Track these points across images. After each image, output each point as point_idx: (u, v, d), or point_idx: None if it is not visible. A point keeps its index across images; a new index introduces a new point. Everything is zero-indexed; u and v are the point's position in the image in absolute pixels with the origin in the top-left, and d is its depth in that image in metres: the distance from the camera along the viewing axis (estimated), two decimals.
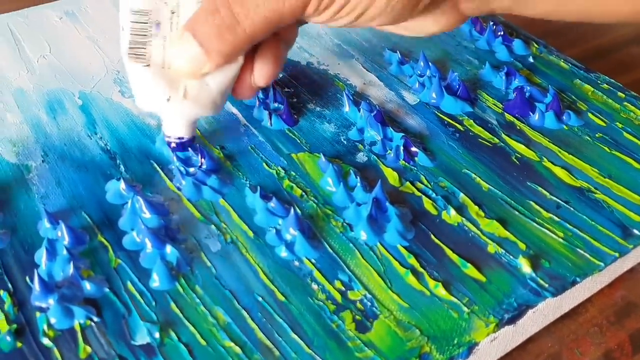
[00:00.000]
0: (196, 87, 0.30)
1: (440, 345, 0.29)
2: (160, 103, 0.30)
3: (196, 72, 0.29)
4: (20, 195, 0.35)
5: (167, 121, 0.32)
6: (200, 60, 0.29)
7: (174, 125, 0.32)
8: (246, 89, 0.31)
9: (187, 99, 0.30)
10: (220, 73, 0.30)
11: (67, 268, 0.31)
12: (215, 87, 0.30)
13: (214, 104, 0.31)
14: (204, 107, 0.30)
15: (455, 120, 0.41)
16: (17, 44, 0.48)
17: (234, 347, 0.28)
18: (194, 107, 0.30)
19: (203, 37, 0.28)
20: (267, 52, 0.30)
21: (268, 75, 0.31)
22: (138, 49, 0.29)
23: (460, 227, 0.34)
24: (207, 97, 0.30)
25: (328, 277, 0.31)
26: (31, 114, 0.41)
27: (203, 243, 0.33)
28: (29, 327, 0.29)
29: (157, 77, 0.29)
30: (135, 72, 0.30)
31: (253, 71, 0.31)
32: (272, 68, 0.31)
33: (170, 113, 0.31)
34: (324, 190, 0.36)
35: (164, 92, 0.30)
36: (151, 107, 0.31)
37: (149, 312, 0.30)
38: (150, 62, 0.29)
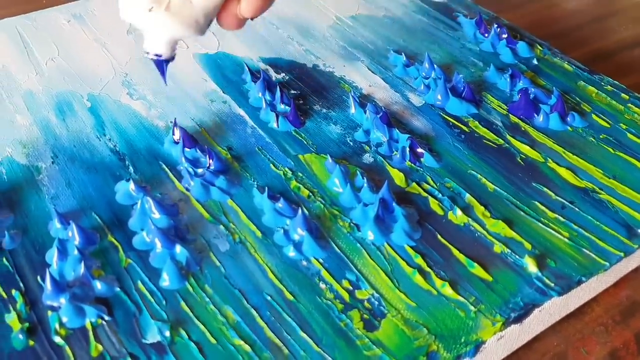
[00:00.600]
0: (179, 2, 0.30)
1: (447, 343, 0.29)
2: (143, 13, 0.30)
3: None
4: (30, 196, 0.36)
5: (148, 35, 0.32)
6: None
7: (153, 41, 0.32)
8: (231, 17, 0.31)
9: (168, 12, 0.30)
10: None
11: (78, 268, 0.31)
12: (199, 5, 0.30)
13: (196, 23, 0.31)
14: (186, 24, 0.31)
15: (460, 121, 0.42)
16: (25, 47, 0.48)
17: (244, 346, 0.29)
18: (175, 23, 0.31)
19: None
20: None
21: (255, 7, 0.31)
22: None
23: (467, 227, 0.34)
24: (189, 14, 0.30)
25: (336, 276, 0.32)
26: (41, 116, 0.42)
27: (212, 243, 0.33)
28: (41, 326, 0.29)
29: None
30: None
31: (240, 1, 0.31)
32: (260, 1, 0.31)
33: (151, 26, 0.31)
34: (330, 191, 0.36)
35: (147, 2, 0.30)
36: (133, 17, 0.31)
37: (159, 311, 0.30)
38: None
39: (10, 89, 0.44)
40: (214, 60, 0.47)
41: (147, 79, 0.45)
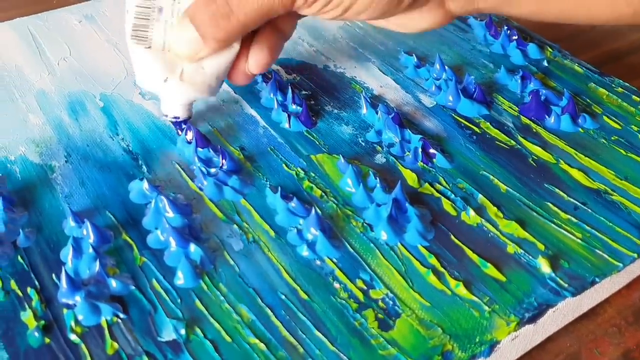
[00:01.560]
0: (192, 70, 0.32)
1: (462, 343, 0.29)
2: (158, 83, 0.33)
3: (193, 56, 0.31)
4: (44, 194, 0.36)
5: (165, 101, 0.34)
6: (197, 45, 0.31)
7: (170, 106, 0.34)
8: (240, 75, 0.33)
9: (184, 80, 0.32)
10: (215, 58, 0.32)
11: (93, 266, 0.31)
12: (210, 71, 0.32)
13: (209, 86, 0.33)
14: (199, 89, 0.33)
15: (472, 122, 0.42)
16: (37, 47, 0.49)
17: (259, 344, 0.29)
18: (190, 89, 0.33)
19: (200, 23, 0.30)
20: (262, 41, 0.32)
21: (262, 64, 0.33)
22: (141, 31, 0.32)
23: (480, 227, 0.34)
24: (202, 80, 0.32)
25: (350, 276, 0.32)
26: (53, 115, 0.42)
27: (226, 242, 0.34)
28: (57, 324, 0.29)
29: (156, 59, 0.32)
30: (137, 53, 0.32)
31: (247, 59, 0.33)
32: (266, 57, 0.33)
33: (167, 93, 0.33)
34: (343, 191, 0.36)
35: (162, 73, 0.32)
36: (150, 86, 0.33)
37: (174, 309, 0.30)
38: (151, 44, 0.32)
39: (23, 88, 0.44)
40: None
41: None
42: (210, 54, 0.32)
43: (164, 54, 0.32)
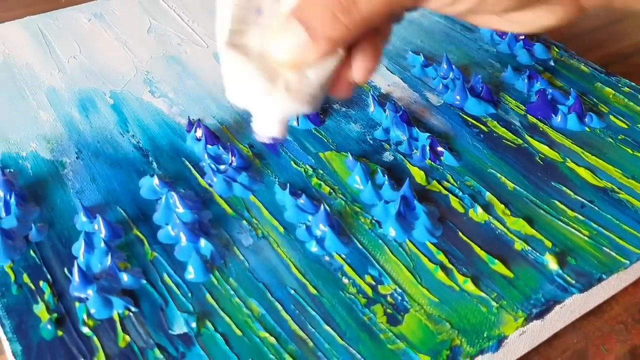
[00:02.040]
0: (296, 79, 0.28)
1: (470, 338, 0.29)
2: (259, 97, 0.28)
3: (299, 62, 0.27)
4: (56, 190, 0.36)
5: (261, 118, 0.30)
6: (305, 49, 0.27)
7: (267, 123, 0.30)
8: (344, 85, 0.29)
9: (288, 92, 0.28)
10: (321, 65, 0.27)
11: (105, 260, 0.32)
12: (316, 79, 0.28)
13: (314, 98, 0.28)
14: (303, 101, 0.28)
15: (479, 121, 0.42)
16: (47, 45, 0.49)
17: (269, 338, 0.29)
18: (293, 102, 0.28)
19: (312, 22, 0.26)
20: (366, 47, 0.28)
21: (367, 71, 0.29)
22: (237, 37, 0.27)
23: (487, 224, 0.35)
24: (307, 90, 0.28)
25: (358, 271, 0.32)
26: (64, 112, 0.42)
27: (235, 238, 0.34)
28: (69, 317, 0.30)
29: (256, 69, 0.27)
30: (233, 63, 0.27)
31: (351, 67, 0.29)
32: (372, 63, 0.29)
33: (267, 108, 0.29)
34: (351, 188, 0.37)
35: (263, 84, 0.27)
36: (246, 101, 0.28)
37: (185, 303, 0.30)
38: (248, 52, 0.27)
39: (34, 85, 0.45)
40: None
41: (168, 77, 0.46)
42: (319, 59, 0.27)
43: (263, 62, 0.27)
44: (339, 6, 0.26)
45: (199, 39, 0.50)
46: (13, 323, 0.29)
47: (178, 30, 0.51)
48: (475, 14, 0.29)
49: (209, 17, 0.53)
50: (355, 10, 0.26)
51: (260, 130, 0.30)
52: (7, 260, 0.32)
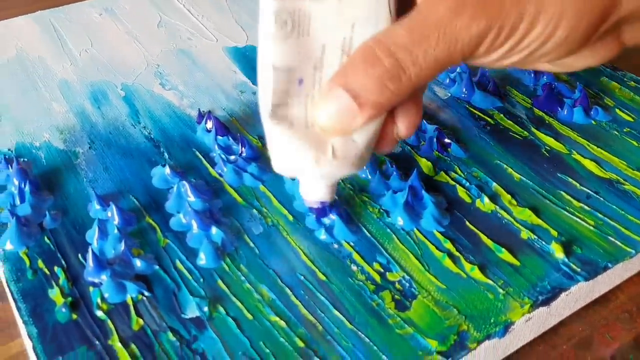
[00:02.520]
0: (343, 144, 0.27)
1: (477, 324, 0.30)
2: (307, 166, 0.28)
3: (346, 127, 0.27)
4: (69, 179, 0.37)
5: (309, 184, 0.30)
6: (352, 115, 0.26)
7: (315, 189, 0.30)
8: (389, 141, 0.29)
9: (336, 158, 0.27)
10: (366, 127, 0.27)
11: (118, 246, 0.32)
12: (362, 142, 0.27)
13: (361, 160, 0.28)
14: (352, 164, 0.28)
15: (486, 114, 0.43)
16: (59, 39, 0.50)
17: (279, 322, 0.30)
18: (342, 167, 0.28)
19: (358, 90, 0.26)
20: (409, 101, 0.28)
21: (412, 125, 0.29)
22: (282, 109, 0.27)
23: (494, 214, 0.35)
24: (355, 154, 0.28)
25: (367, 259, 0.33)
26: (76, 104, 0.43)
27: (246, 226, 0.34)
28: (84, 301, 0.30)
29: (302, 139, 0.27)
30: (278, 134, 0.27)
31: (395, 122, 0.28)
32: (416, 117, 0.29)
33: (316, 176, 0.29)
34: (359, 178, 0.37)
35: (312, 153, 0.27)
36: (295, 170, 0.29)
37: (197, 288, 0.31)
38: (293, 122, 0.27)
39: (46, 78, 0.45)
40: (242, 54, 0.48)
41: (178, 70, 0.46)
42: (365, 124, 0.27)
43: (308, 131, 0.27)
44: (387, 74, 0.25)
45: (209, 33, 0.51)
46: (29, 307, 0.30)
47: (188, 25, 0.52)
48: (522, 66, 0.28)
49: (218, 13, 0.53)
50: (405, 77, 0.25)
51: (309, 196, 0.31)
52: (22, 247, 0.33)
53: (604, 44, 0.28)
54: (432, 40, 0.25)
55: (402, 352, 0.28)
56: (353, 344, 0.29)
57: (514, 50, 0.26)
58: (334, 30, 0.26)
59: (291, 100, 0.27)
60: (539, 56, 0.27)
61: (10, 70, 0.46)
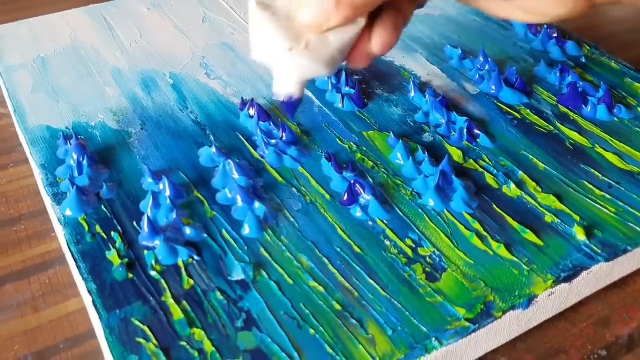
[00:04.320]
0: (317, 40, 0.29)
1: (502, 295, 0.32)
2: (281, 53, 0.29)
3: (322, 24, 0.29)
4: (123, 155, 0.40)
5: (281, 75, 0.31)
6: (328, 13, 0.28)
7: (286, 81, 0.31)
8: (362, 55, 0.31)
9: (308, 50, 0.29)
10: (341, 31, 0.29)
11: (170, 215, 0.35)
12: (336, 43, 0.30)
13: (332, 60, 0.30)
14: (322, 62, 0.30)
15: (513, 109, 0.45)
16: (110, 30, 0.53)
17: (318, 287, 0.32)
18: (312, 62, 0.30)
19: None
20: (387, 21, 0.30)
21: (385, 43, 0.31)
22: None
23: (520, 199, 0.37)
24: (327, 52, 0.30)
25: (399, 235, 0.35)
26: (128, 89, 0.46)
27: (286, 202, 0.37)
28: (138, 262, 0.33)
29: (280, 27, 0.29)
30: (260, 20, 0.29)
31: (371, 38, 0.30)
32: (391, 37, 0.31)
33: (287, 66, 0.30)
34: (393, 164, 0.40)
35: (287, 41, 0.29)
36: (268, 57, 0.30)
37: (242, 255, 0.33)
38: (276, 12, 0.29)
39: (99, 65, 0.49)
40: None
41: (222, 61, 0.49)
42: (340, 24, 0.29)
43: (288, 22, 0.29)
44: None
45: None
46: (87, 266, 0.33)
47: (231, 21, 0.55)
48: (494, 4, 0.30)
49: None
50: None
51: (279, 88, 0.32)
52: (81, 213, 0.36)
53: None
54: None
55: (432, 318, 0.31)
56: (386, 308, 0.31)
57: None
58: None
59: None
60: None
61: (66, 57, 0.50)
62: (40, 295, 0.35)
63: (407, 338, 0.30)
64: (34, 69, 0.48)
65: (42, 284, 0.35)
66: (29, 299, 0.35)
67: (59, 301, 0.35)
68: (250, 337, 0.30)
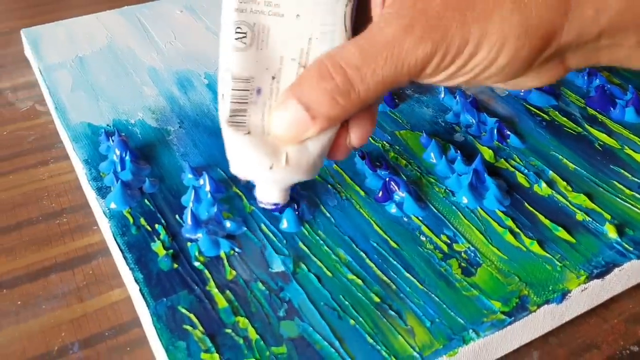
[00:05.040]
0: (297, 152, 0.29)
1: (537, 290, 0.32)
2: (261, 171, 0.29)
3: (299, 137, 0.28)
4: (163, 152, 0.41)
5: (263, 188, 0.31)
6: (304, 126, 0.28)
7: (269, 192, 0.31)
8: (342, 150, 0.30)
9: (289, 165, 0.29)
10: (319, 137, 0.29)
11: (212, 209, 0.36)
12: (315, 151, 0.29)
13: (314, 167, 0.30)
14: (304, 171, 0.29)
15: (541, 110, 0.46)
16: (145, 32, 0.54)
17: (356, 280, 0.33)
18: (294, 173, 0.29)
19: (311, 103, 0.27)
20: (363, 114, 0.29)
21: (364, 136, 0.30)
22: (239, 117, 0.28)
23: (551, 198, 0.38)
24: (307, 161, 0.29)
25: (435, 231, 0.36)
26: (165, 89, 0.47)
27: (322, 199, 0.38)
28: (182, 254, 0.34)
29: (258, 145, 0.28)
30: (235, 140, 0.29)
31: (349, 133, 0.30)
32: (368, 128, 0.30)
33: (269, 180, 0.30)
34: (426, 162, 0.41)
35: (266, 160, 0.28)
36: (250, 175, 0.30)
37: (281, 248, 0.35)
38: (250, 129, 0.28)
39: (136, 65, 0.50)
40: None
41: None
42: (318, 134, 0.28)
43: (264, 138, 0.28)
44: (337, 90, 0.26)
45: None
46: (134, 256, 0.34)
47: None
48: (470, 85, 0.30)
49: None
50: (354, 94, 0.27)
51: (263, 198, 0.31)
52: (126, 206, 0.37)
53: (549, 68, 0.29)
54: (380, 60, 0.26)
55: (468, 311, 0.31)
56: (424, 301, 0.32)
57: (459, 72, 0.27)
58: (292, 43, 0.28)
59: (249, 108, 0.28)
60: (485, 78, 0.28)
61: (103, 57, 0.51)
62: (85, 285, 0.36)
63: (445, 330, 0.31)
64: (73, 69, 0.50)
65: (86, 275, 0.37)
66: (74, 289, 0.36)
67: (103, 291, 0.36)
68: (293, 326, 0.31)
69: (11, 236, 0.39)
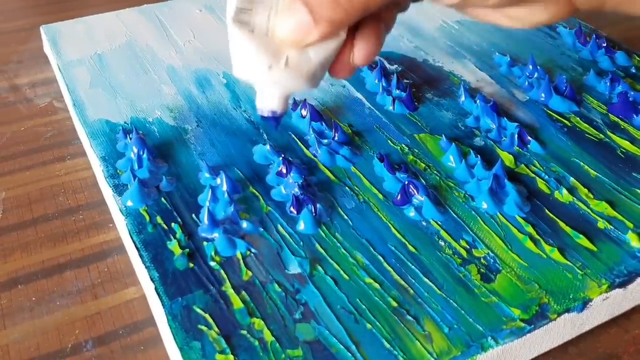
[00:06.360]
0: (298, 57, 0.29)
1: (557, 298, 0.32)
2: (261, 71, 0.29)
3: (301, 41, 0.28)
4: (180, 151, 0.41)
5: (263, 93, 0.31)
6: (307, 29, 0.28)
7: (268, 98, 0.31)
8: (344, 67, 0.31)
9: (289, 67, 0.29)
10: (322, 45, 0.29)
11: (228, 209, 0.36)
12: (316, 59, 0.29)
13: (314, 76, 0.30)
14: (303, 78, 0.29)
15: (562, 117, 0.45)
16: (164, 30, 0.54)
17: (374, 283, 0.32)
18: (293, 78, 0.29)
19: (314, 4, 0.27)
20: (369, 32, 0.30)
21: (367, 54, 0.30)
22: (244, 15, 0.28)
23: (572, 205, 0.37)
24: (308, 68, 0.29)
25: (454, 236, 0.35)
26: (183, 88, 0.47)
27: (339, 201, 0.38)
28: (198, 253, 0.34)
29: (260, 45, 0.28)
30: (239, 38, 0.29)
31: (353, 50, 0.30)
32: (373, 47, 0.30)
33: (268, 83, 0.30)
34: (445, 166, 0.40)
35: (266, 59, 0.28)
36: (250, 75, 0.30)
37: (298, 250, 0.34)
38: (254, 29, 0.28)
39: (155, 63, 0.50)
40: None
41: None
42: (320, 40, 0.28)
43: (267, 39, 0.29)
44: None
45: None
46: (150, 255, 0.34)
47: None
48: (468, 6, 0.30)
49: None
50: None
51: (262, 105, 0.31)
52: (142, 204, 0.37)
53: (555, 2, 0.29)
54: None
55: (487, 317, 0.31)
56: (442, 307, 0.31)
57: None
58: None
59: (255, 7, 0.28)
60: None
61: (122, 54, 0.51)
62: (100, 282, 0.36)
63: (464, 336, 0.30)
64: (91, 65, 0.50)
65: (101, 272, 0.36)
66: (89, 286, 0.36)
67: (117, 289, 0.36)
68: (309, 329, 0.30)
69: (27, 232, 0.39)
